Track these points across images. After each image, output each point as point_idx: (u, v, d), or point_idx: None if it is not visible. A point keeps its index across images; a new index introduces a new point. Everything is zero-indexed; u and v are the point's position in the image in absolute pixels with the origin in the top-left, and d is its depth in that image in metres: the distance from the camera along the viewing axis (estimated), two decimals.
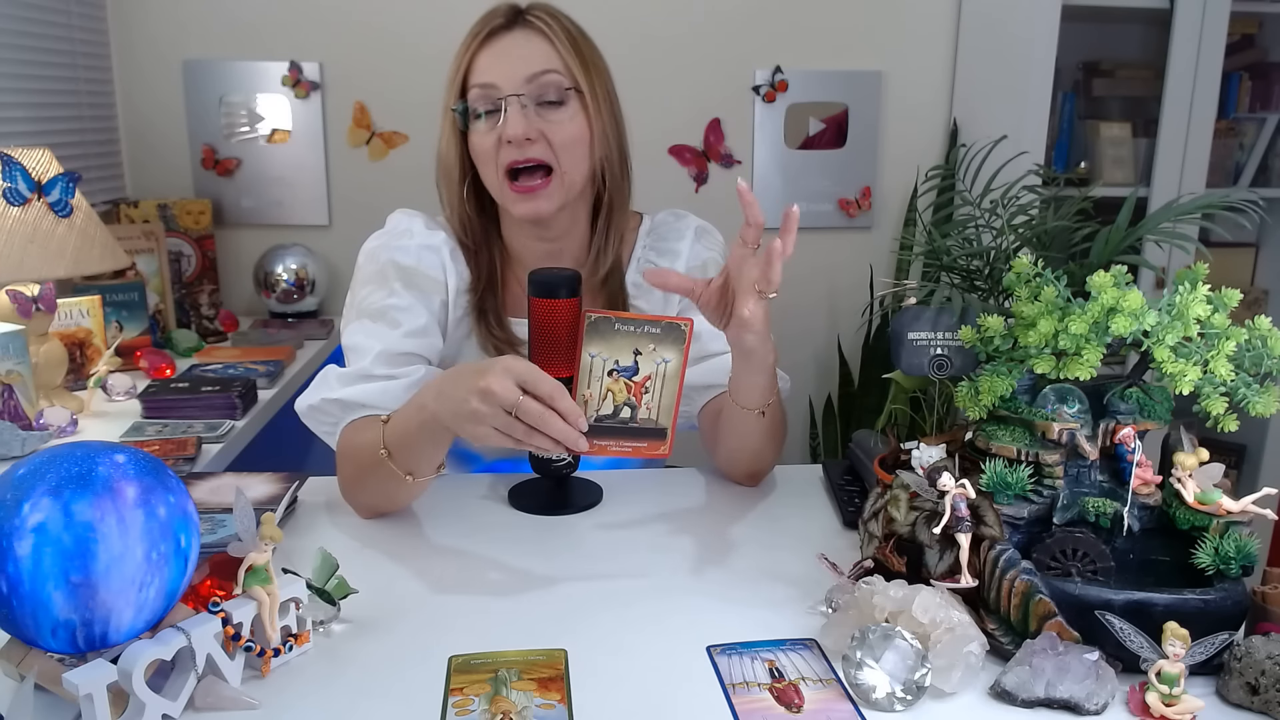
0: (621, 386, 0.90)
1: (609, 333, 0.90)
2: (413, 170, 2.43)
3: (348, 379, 1.13)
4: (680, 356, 0.90)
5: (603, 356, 0.90)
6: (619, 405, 0.91)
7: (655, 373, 0.90)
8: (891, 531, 0.86)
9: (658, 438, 0.93)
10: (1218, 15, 2.23)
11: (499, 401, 0.89)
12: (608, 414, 0.92)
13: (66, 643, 0.69)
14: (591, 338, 0.90)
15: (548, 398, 0.89)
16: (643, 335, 0.89)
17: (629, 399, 0.91)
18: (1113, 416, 0.86)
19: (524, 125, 1.11)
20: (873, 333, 2.52)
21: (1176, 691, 0.71)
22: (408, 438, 1.00)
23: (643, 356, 0.90)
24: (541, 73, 1.13)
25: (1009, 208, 0.99)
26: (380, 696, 0.76)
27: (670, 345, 0.90)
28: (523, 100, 1.12)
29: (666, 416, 0.92)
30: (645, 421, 0.92)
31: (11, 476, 0.68)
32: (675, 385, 0.91)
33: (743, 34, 2.48)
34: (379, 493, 1.07)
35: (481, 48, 1.15)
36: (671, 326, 0.90)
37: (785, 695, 0.75)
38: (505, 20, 1.16)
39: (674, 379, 0.91)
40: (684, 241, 1.27)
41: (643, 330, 0.90)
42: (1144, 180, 2.37)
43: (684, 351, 0.90)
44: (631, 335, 0.89)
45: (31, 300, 1.53)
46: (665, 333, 0.90)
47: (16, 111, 1.96)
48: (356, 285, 1.22)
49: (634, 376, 0.89)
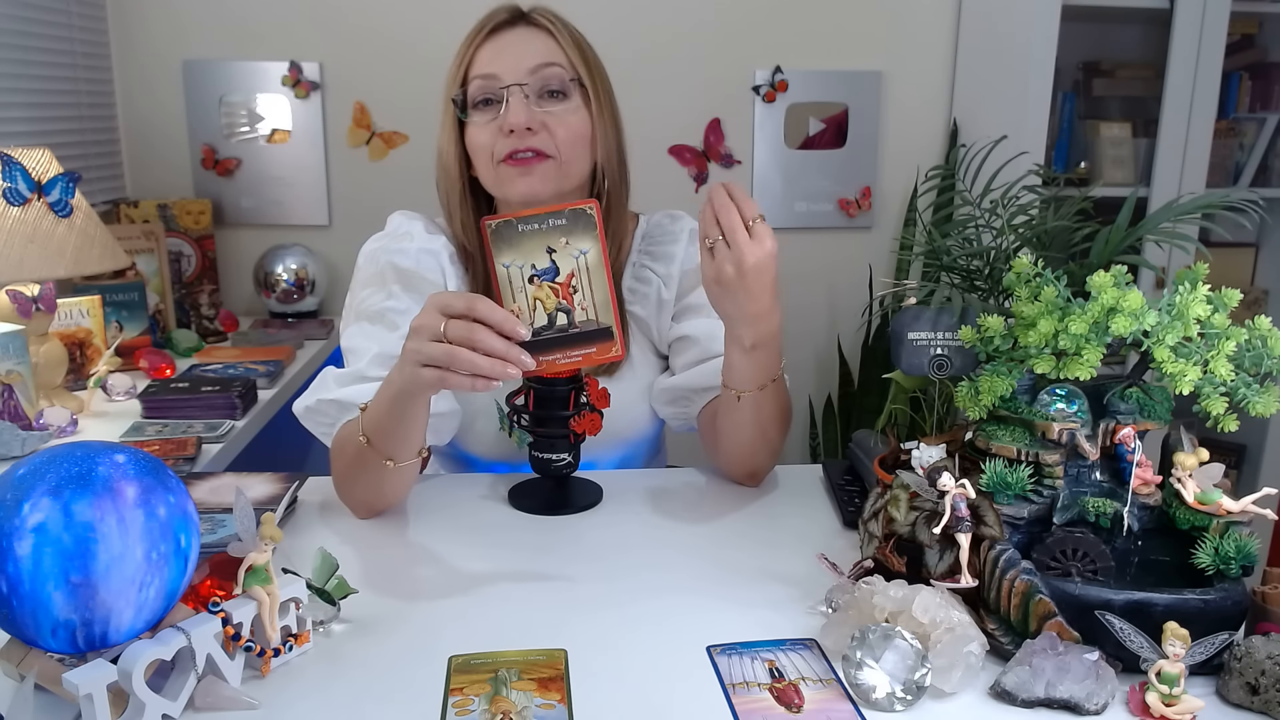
0: (547, 291, 0.85)
1: (514, 237, 0.85)
2: (413, 170, 2.43)
3: (344, 380, 1.13)
4: (596, 245, 0.85)
5: (517, 264, 0.86)
6: (552, 313, 0.87)
7: (577, 268, 0.85)
8: (891, 531, 0.86)
9: (605, 338, 0.88)
10: (1218, 15, 2.23)
11: (427, 333, 0.86)
12: (544, 325, 0.87)
13: (66, 643, 0.69)
14: (499, 246, 0.85)
15: (468, 310, 0.84)
16: (550, 230, 0.85)
17: (560, 303, 0.86)
18: (1113, 416, 0.86)
19: (525, 114, 1.10)
20: (873, 333, 2.52)
21: (1176, 691, 0.71)
22: (381, 419, 0.99)
23: (558, 254, 0.85)
24: (545, 64, 1.12)
25: (1009, 208, 0.99)
26: (380, 696, 0.76)
27: (582, 234, 0.86)
28: (525, 90, 1.11)
29: (606, 313, 0.87)
30: (586, 324, 0.87)
31: (11, 476, 0.68)
32: (603, 276, 0.86)
33: (743, 34, 2.48)
34: (366, 486, 1.06)
35: (484, 43, 1.15)
36: (577, 213, 0.85)
37: (785, 695, 0.75)
38: (508, 16, 1.16)
39: (599, 270, 0.86)
40: (679, 244, 1.27)
41: (548, 225, 0.85)
42: (1144, 180, 2.37)
43: (599, 238, 0.85)
44: (539, 233, 0.85)
45: (31, 300, 1.53)
46: (572, 221, 0.85)
47: (16, 111, 1.96)
48: (355, 287, 1.22)
49: (556, 278, 0.84)
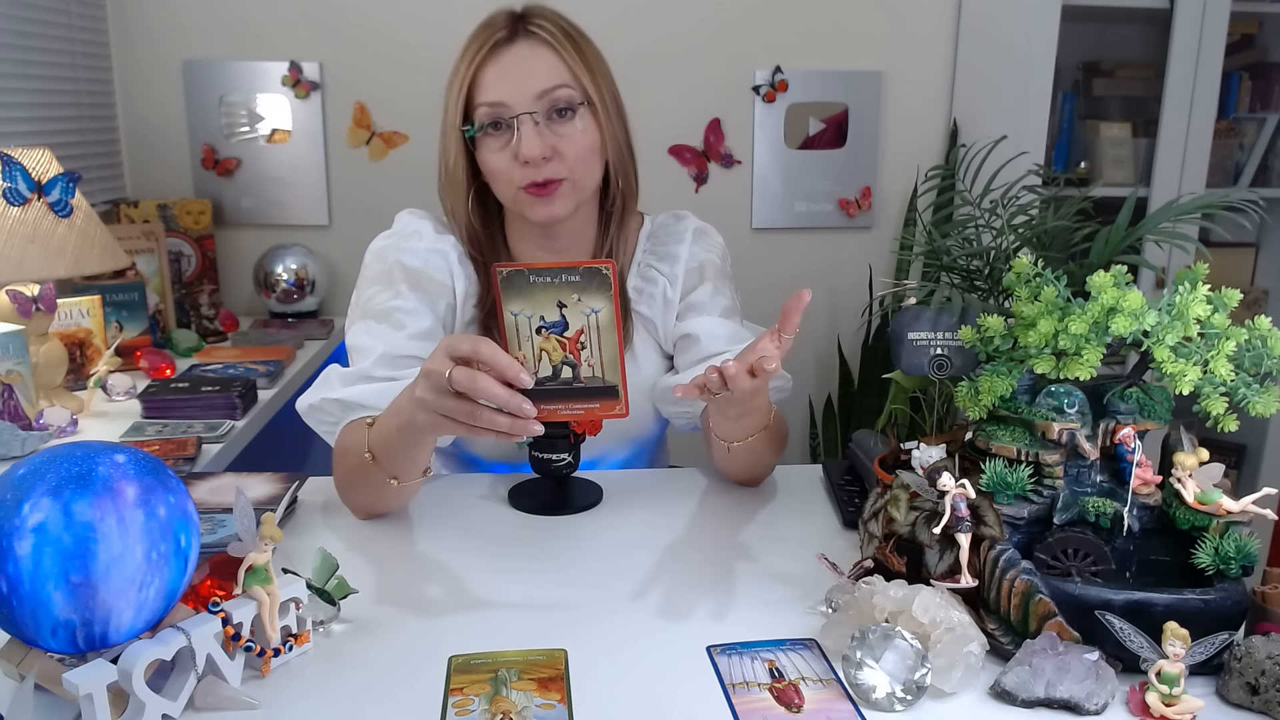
0: (554, 344, 0.83)
1: (525, 287, 0.83)
2: (413, 170, 2.43)
3: (349, 379, 1.12)
4: (609, 305, 0.82)
5: (525, 314, 0.84)
6: (557, 365, 0.85)
7: (587, 325, 0.83)
8: (891, 531, 0.86)
9: (610, 396, 0.86)
10: (1218, 15, 2.23)
11: (435, 381, 0.85)
12: (548, 376, 0.86)
13: (66, 643, 0.69)
14: (509, 295, 0.83)
15: (472, 353, 0.83)
16: (563, 285, 0.83)
17: (566, 357, 0.84)
18: (1113, 416, 0.86)
19: (539, 145, 1.10)
20: (873, 333, 2.52)
21: (1176, 691, 0.71)
22: (389, 441, 0.99)
23: (569, 309, 0.83)
24: (552, 88, 1.11)
25: (1009, 208, 0.99)
26: (380, 696, 0.76)
27: (596, 293, 0.83)
28: (535, 117, 1.10)
29: (613, 372, 0.86)
30: (591, 380, 0.85)
31: (11, 476, 0.68)
32: (613, 337, 0.84)
33: (743, 34, 2.48)
34: (369, 495, 1.06)
35: (485, 63, 1.12)
36: (592, 271, 0.83)
37: (785, 695, 0.75)
38: (507, 32, 1.13)
39: (609, 330, 0.83)
40: (682, 245, 1.27)
41: (561, 280, 0.83)
42: (1144, 180, 2.37)
43: (612, 298, 0.83)
44: (550, 287, 0.83)
45: (31, 300, 1.53)
46: (587, 279, 0.83)
47: (16, 111, 1.96)
48: (362, 285, 1.21)
49: (564, 332, 0.82)
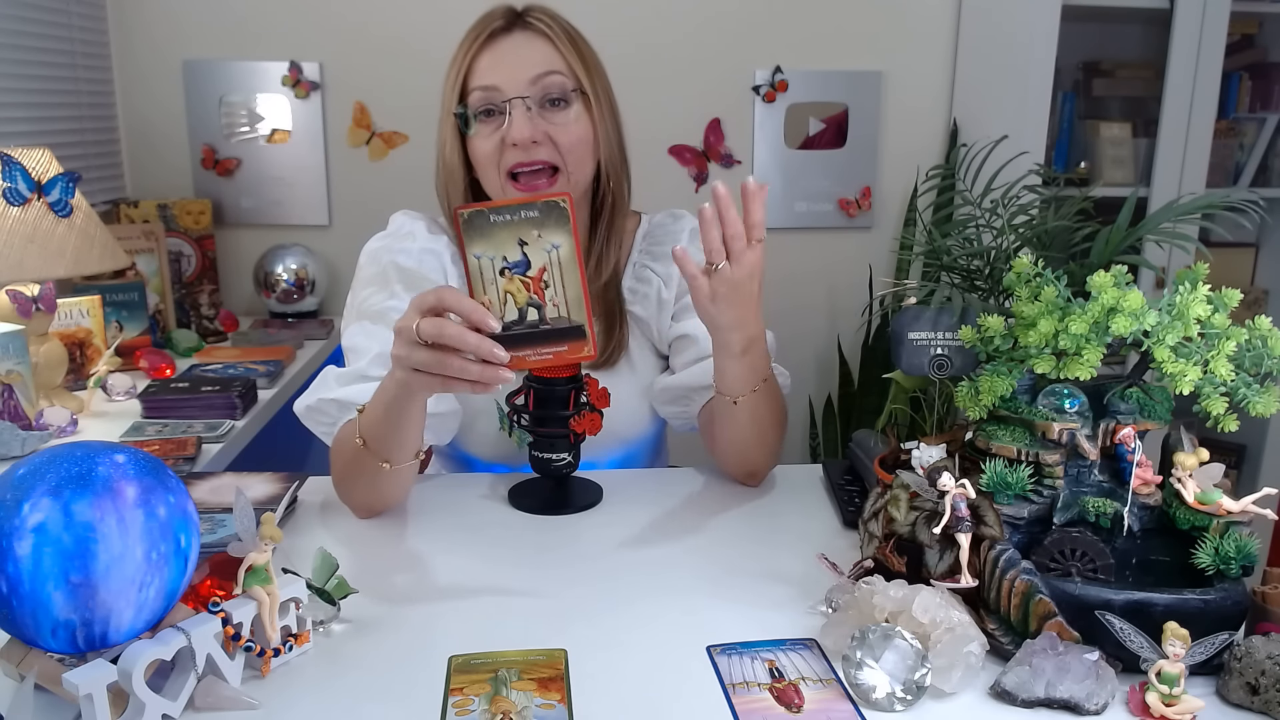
0: (518, 285, 0.83)
1: (486, 227, 0.83)
2: (413, 170, 2.43)
3: (345, 379, 1.13)
4: (569, 239, 0.83)
5: (489, 255, 0.84)
6: (523, 308, 0.85)
7: (550, 262, 0.83)
8: (891, 531, 0.86)
9: (577, 337, 0.86)
10: (1218, 15, 2.23)
11: (405, 336, 0.85)
12: (514, 320, 0.85)
13: (66, 643, 0.69)
14: (470, 237, 0.84)
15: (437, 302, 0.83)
16: (522, 222, 0.83)
17: (531, 298, 0.84)
18: (1113, 416, 0.86)
19: (529, 128, 1.10)
20: (873, 333, 2.52)
21: (1176, 691, 0.71)
22: (377, 422, 0.99)
23: (530, 246, 0.83)
24: (545, 74, 1.12)
25: (1009, 208, 0.99)
26: (380, 696, 0.76)
27: (555, 228, 0.83)
28: (527, 102, 1.11)
29: (578, 311, 0.86)
30: (557, 321, 0.85)
31: (11, 476, 0.68)
32: (575, 273, 0.84)
33: (743, 34, 2.48)
34: (365, 487, 1.06)
35: (481, 50, 1.14)
36: (550, 205, 0.83)
37: (785, 695, 0.75)
38: (504, 22, 1.15)
39: (571, 266, 0.84)
40: (679, 243, 1.27)
41: (520, 216, 0.83)
42: (1144, 180, 2.37)
43: (571, 232, 0.83)
44: (511, 225, 0.83)
45: (31, 300, 1.53)
46: (545, 214, 0.83)
47: (16, 111, 1.96)
48: (357, 286, 1.21)
49: (527, 271, 0.82)
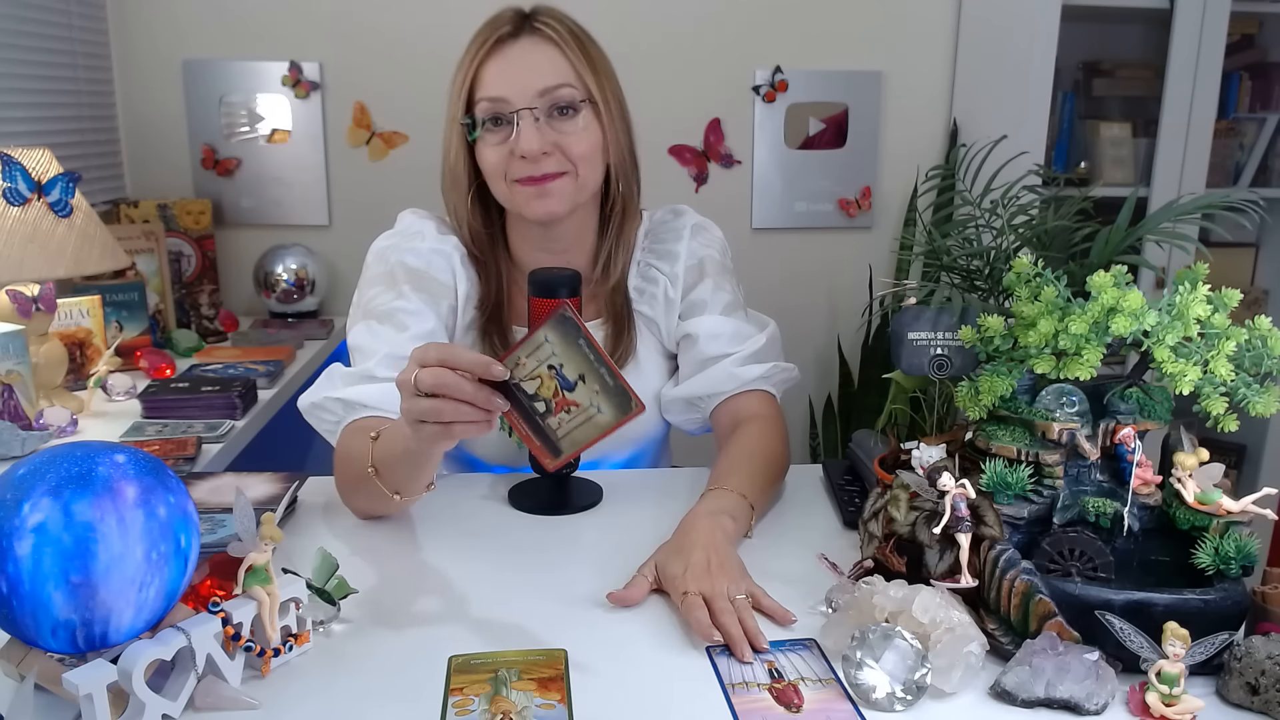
0: (552, 388, 0.82)
1: (569, 339, 0.82)
2: (413, 170, 2.43)
3: (352, 378, 1.12)
4: (613, 420, 0.81)
5: (553, 350, 0.83)
6: (540, 396, 0.84)
7: (584, 406, 0.82)
8: (891, 531, 0.86)
9: (552, 452, 0.86)
10: (1218, 15, 2.23)
11: (406, 390, 0.85)
12: (529, 393, 0.84)
13: (66, 643, 0.69)
14: (554, 327, 0.83)
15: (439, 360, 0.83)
16: (594, 372, 0.82)
17: (550, 401, 0.83)
18: (1113, 416, 0.86)
19: (538, 140, 1.09)
20: (873, 333, 2.52)
21: (1176, 691, 0.71)
22: (392, 459, 0.97)
23: (583, 386, 0.82)
24: (554, 86, 1.11)
25: (1009, 208, 0.99)
26: (380, 696, 0.76)
27: (611, 404, 0.82)
28: (535, 113, 1.10)
29: (570, 446, 0.85)
30: (550, 431, 0.85)
31: (11, 476, 0.68)
32: (595, 435, 0.83)
33: (743, 34, 2.48)
34: (369, 502, 1.06)
35: (489, 58, 1.12)
36: (622, 393, 0.82)
37: (785, 695, 0.75)
38: (512, 28, 1.13)
39: (596, 430, 0.82)
40: (681, 242, 1.27)
41: (597, 368, 0.82)
42: (1144, 180, 2.37)
43: (618, 422, 0.82)
44: (586, 361, 0.82)
45: (31, 300, 1.53)
46: (614, 393, 0.82)
47: (16, 111, 1.96)
48: (364, 285, 1.21)
49: (568, 392, 0.81)
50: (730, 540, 0.95)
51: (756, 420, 1.18)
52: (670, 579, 0.89)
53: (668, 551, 0.93)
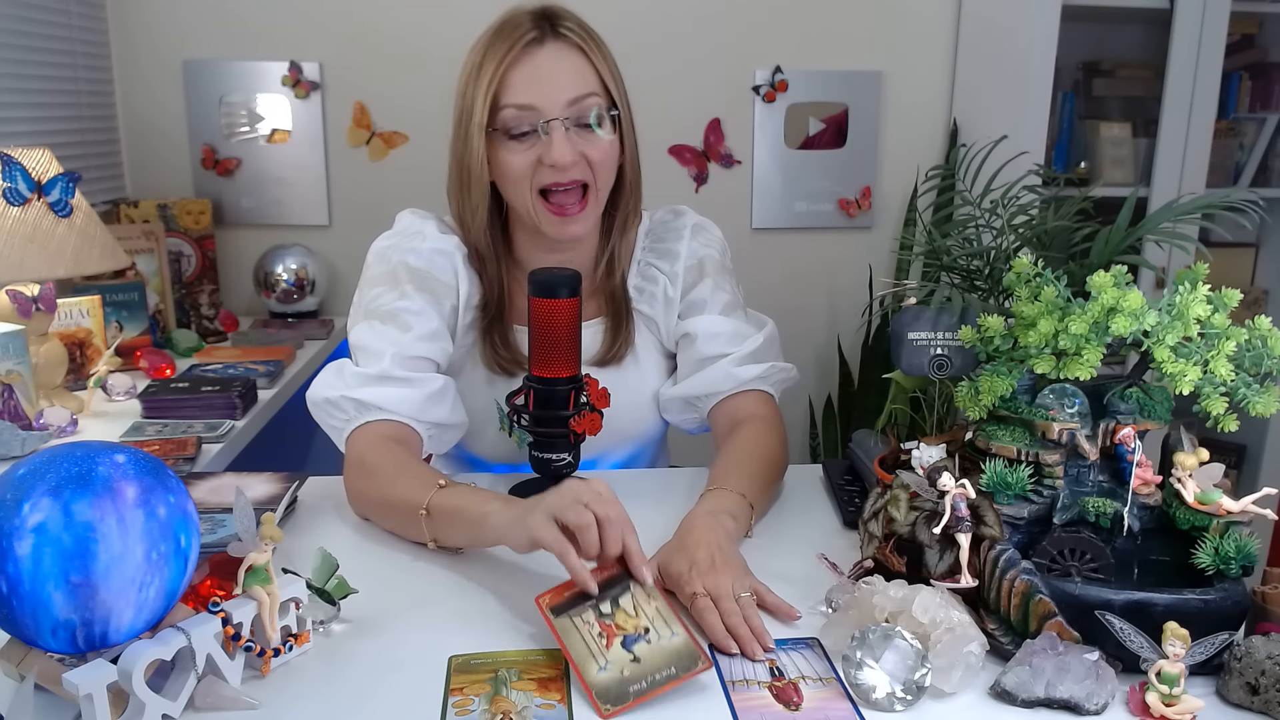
0: (616, 643, 0.79)
1: (649, 603, 0.82)
2: (413, 170, 2.43)
3: (365, 379, 1.11)
4: (675, 678, 0.77)
5: (638, 604, 0.82)
6: (606, 634, 0.81)
7: (644, 658, 0.79)
8: (891, 531, 0.86)
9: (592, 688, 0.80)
10: (1218, 15, 2.23)
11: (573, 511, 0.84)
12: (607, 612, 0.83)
13: (66, 643, 0.69)
14: (640, 590, 0.83)
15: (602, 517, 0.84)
16: (663, 638, 0.80)
17: (603, 641, 0.80)
18: (1113, 416, 0.86)
19: (570, 152, 1.09)
20: (873, 333, 2.52)
21: (1176, 691, 0.71)
22: (455, 521, 0.96)
23: (648, 644, 0.80)
24: (582, 96, 1.10)
25: (1009, 208, 0.99)
26: (380, 696, 0.76)
27: (679, 664, 0.78)
28: (565, 124, 1.10)
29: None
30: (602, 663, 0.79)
31: (11, 476, 0.68)
32: (644, 691, 0.77)
33: (743, 34, 2.48)
34: (390, 524, 1.05)
35: (515, 63, 1.10)
36: (692, 654, 0.78)
37: (785, 694, 0.75)
38: (537, 33, 1.11)
39: (654, 686, 0.77)
40: (681, 242, 1.27)
41: (665, 639, 0.80)
42: (1144, 180, 2.37)
43: (680, 678, 0.77)
44: (655, 628, 0.81)
45: (31, 300, 1.53)
46: (681, 655, 0.78)
47: (16, 111, 1.96)
48: (365, 285, 1.20)
49: (632, 645, 0.79)
50: (732, 539, 0.96)
51: (754, 420, 1.19)
52: (675, 577, 0.90)
53: (670, 551, 0.93)
